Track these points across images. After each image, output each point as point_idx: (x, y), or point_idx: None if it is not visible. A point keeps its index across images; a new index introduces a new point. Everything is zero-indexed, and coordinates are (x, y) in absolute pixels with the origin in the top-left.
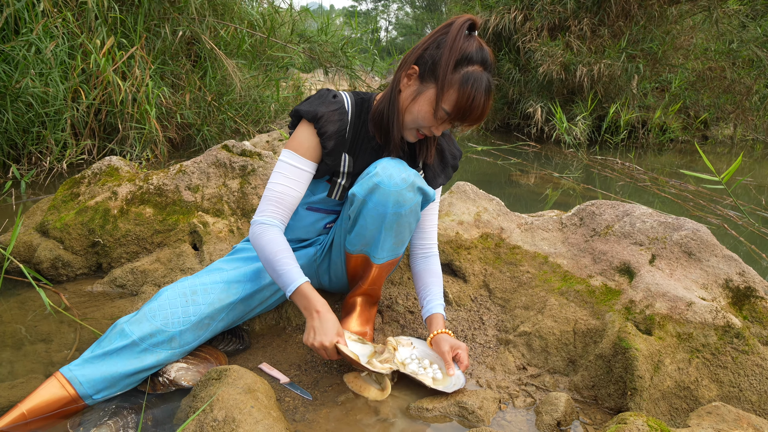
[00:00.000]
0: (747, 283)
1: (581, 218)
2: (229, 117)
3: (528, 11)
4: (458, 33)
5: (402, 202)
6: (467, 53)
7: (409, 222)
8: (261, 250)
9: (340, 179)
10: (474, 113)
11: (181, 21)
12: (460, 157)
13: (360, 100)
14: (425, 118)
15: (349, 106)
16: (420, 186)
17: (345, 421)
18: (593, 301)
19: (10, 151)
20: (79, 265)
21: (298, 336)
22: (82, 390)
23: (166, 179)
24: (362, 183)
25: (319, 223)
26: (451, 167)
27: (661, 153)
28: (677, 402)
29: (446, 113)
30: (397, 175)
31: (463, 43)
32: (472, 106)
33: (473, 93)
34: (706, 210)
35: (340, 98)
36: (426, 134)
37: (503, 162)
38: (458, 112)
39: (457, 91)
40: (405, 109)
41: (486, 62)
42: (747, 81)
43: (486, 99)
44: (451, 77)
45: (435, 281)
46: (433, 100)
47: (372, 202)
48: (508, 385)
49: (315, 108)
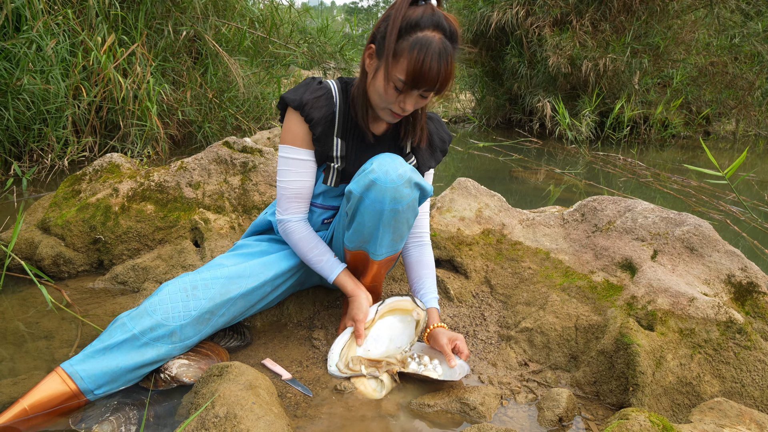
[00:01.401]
0: (749, 278)
1: (583, 214)
2: (231, 114)
3: (530, 6)
4: (402, 2)
5: (399, 199)
6: (413, 19)
7: (407, 218)
8: (295, 247)
9: (334, 163)
10: (428, 77)
11: (184, 20)
12: (449, 142)
13: (345, 85)
14: (385, 92)
15: (335, 92)
16: (417, 181)
17: (346, 418)
18: (595, 296)
19: (12, 148)
20: (80, 262)
21: (299, 332)
22: (84, 385)
23: (167, 176)
24: (358, 180)
25: (316, 219)
26: (440, 151)
27: (663, 149)
28: (679, 398)
29: (401, 82)
30: (394, 171)
31: (407, 10)
32: (422, 70)
33: (422, 56)
34: (709, 206)
35: (325, 84)
36: (398, 112)
37: (505, 158)
38: (411, 78)
39: (407, 58)
40: (369, 88)
41: (440, 25)
42: (749, 76)
43: (440, 61)
44: (399, 45)
45: (428, 273)
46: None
47: (369, 199)
48: (509, 381)
49: (300, 96)
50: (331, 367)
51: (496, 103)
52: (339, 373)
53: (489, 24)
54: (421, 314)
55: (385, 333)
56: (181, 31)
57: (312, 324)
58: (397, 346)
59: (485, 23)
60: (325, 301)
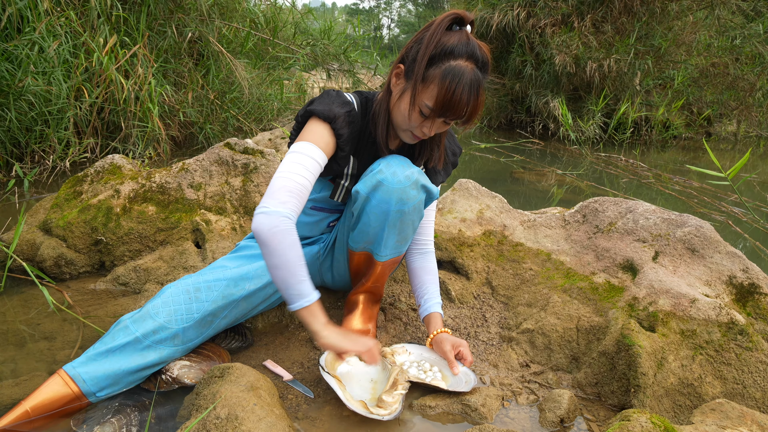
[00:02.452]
0: (751, 279)
1: (584, 215)
2: (232, 115)
3: (531, 8)
4: (438, 27)
5: (405, 200)
6: (447, 46)
7: (413, 220)
8: (281, 250)
9: (343, 181)
10: (457, 108)
11: (188, 22)
12: (460, 154)
13: (365, 100)
14: (409, 115)
15: (357, 108)
16: (423, 183)
17: (347, 419)
18: (596, 298)
19: (14, 149)
20: (82, 263)
21: (300, 334)
22: (86, 387)
23: (168, 177)
24: (366, 180)
25: (322, 222)
26: (451, 164)
27: (665, 150)
28: (681, 399)
29: (429, 108)
30: (401, 172)
31: (443, 37)
32: (452, 100)
33: (453, 86)
34: (711, 207)
35: (350, 99)
36: (420, 136)
37: (506, 159)
38: (440, 107)
39: (438, 85)
40: (393, 108)
41: (474, 56)
42: (750, 77)
43: (470, 92)
44: (430, 72)
45: (431, 279)
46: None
47: (375, 200)
48: (511, 383)
49: (329, 107)
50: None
51: (498, 104)
52: (325, 371)
53: (490, 26)
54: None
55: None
56: (186, 33)
57: None
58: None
59: (485, 25)
60: (326, 303)
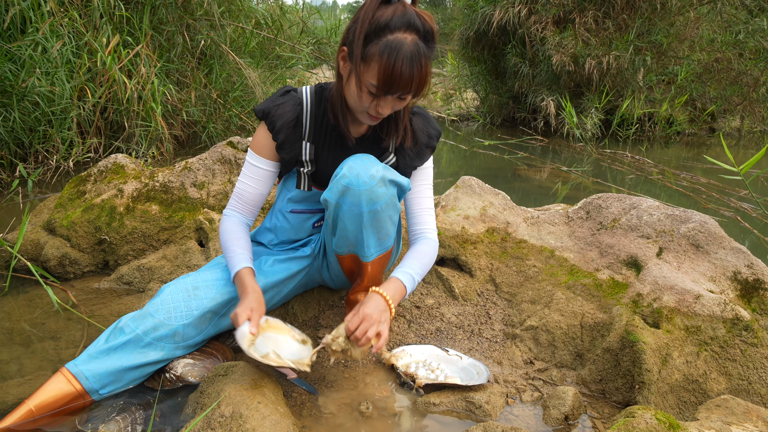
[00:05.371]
0: (756, 275)
1: (588, 212)
2: (235, 114)
3: (532, 5)
4: (371, 2)
5: (375, 199)
6: (382, 21)
7: (389, 215)
8: (220, 237)
9: (303, 168)
10: (401, 82)
11: (199, 29)
12: (438, 137)
13: (320, 88)
14: (359, 97)
15: (306, 96)
16: (391, 178)
17: (352, 416)
18: (600, 294)
19: (17, 149)
20: (85, 263)
21: (304, 331)
22: (88, 385)
23: (171, 176)
24: (332, 187)
25: (306, 223)
26: (427, 148)
27: (668, 146)
28: (685, 395)
29: (374, 87)
30: (365, 173)
31: (377, 12)
32: (393, 75)
33: (393, 61)
34: (719, 202)
35: (294, 92)
36: (375, 115)
37: (510, 156)
38: (383, 84)
39: (377, 62)
40: (345, 92)
41: (413, 25)
42: (754, 72)
43: (412, 64)
44: (369, 50)
45: (414, 255)
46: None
47: (346, 205)
48: (515, 380)
49: (265, 105)
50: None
51: (499, 102)
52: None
53: (491, 23)
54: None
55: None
56: (198, 41)
57: (317, 323)
58: None
59: (487, 22)
60: (329, 300)
